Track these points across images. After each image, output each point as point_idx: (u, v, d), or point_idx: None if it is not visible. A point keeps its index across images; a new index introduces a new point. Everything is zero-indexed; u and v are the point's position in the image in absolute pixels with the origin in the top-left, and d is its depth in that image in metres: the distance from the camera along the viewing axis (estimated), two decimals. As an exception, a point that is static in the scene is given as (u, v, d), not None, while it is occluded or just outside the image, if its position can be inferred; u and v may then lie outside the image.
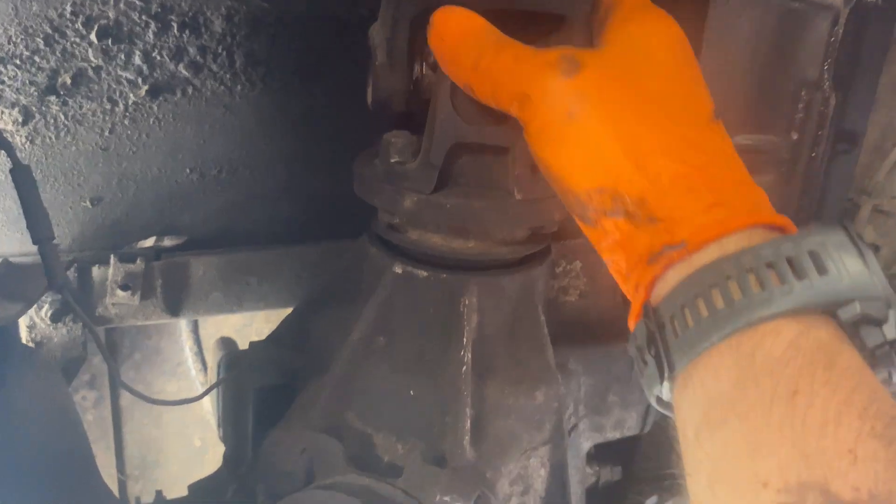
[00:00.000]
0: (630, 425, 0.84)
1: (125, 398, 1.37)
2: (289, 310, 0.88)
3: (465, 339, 0.68)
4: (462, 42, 0.57)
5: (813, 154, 0.89)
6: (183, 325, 1.31)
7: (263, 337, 0.86)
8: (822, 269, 0.42)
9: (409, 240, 0.69)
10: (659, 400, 0.50)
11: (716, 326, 0.43)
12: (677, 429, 0.48)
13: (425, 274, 0.69)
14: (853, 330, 0.43)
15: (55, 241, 0.65)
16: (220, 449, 1.00)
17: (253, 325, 1.42)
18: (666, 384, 0.48)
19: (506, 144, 0.63)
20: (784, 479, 0.37)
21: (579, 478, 0.79)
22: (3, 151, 0.79)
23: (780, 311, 0.42)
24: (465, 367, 0.67)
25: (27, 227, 0.64)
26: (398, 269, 0.70)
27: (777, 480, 0.37)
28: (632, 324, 0.52)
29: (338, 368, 0.70)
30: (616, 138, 0.49)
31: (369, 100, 0.69)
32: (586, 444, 0.81)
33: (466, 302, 0.68)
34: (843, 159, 0.95)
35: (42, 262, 0.64)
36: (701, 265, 0.46)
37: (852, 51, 0.89)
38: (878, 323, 0.42)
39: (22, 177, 0.63)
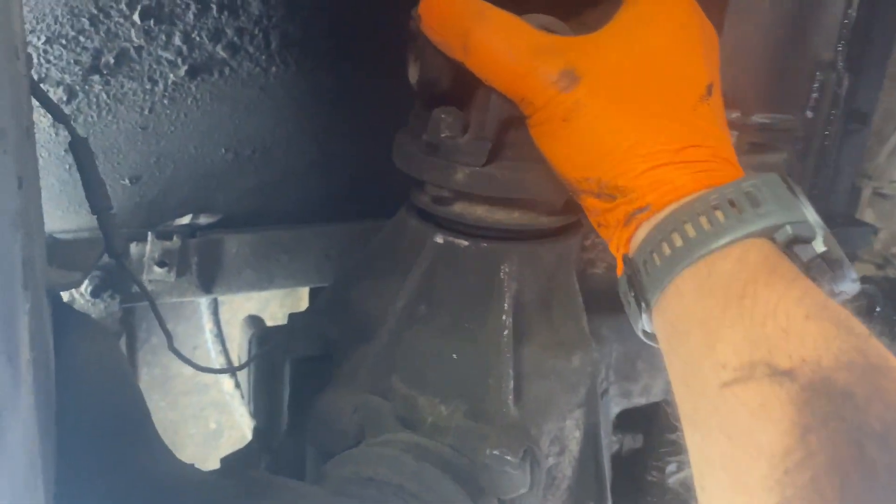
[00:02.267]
0: (656, 391, 0.87)
1: (142, 383, 1.39)
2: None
3: (505, 305, 0.70)
4: (449, 15, 0.62)
5: (826, 132, 0.93)
6: (203, 307, 1.33)
7: (278, 321, 0.88)
8: (755, 204, 0.51)
9: (453, 212, 0.72)
10: (644, 332, 0.59)
11: (678, 260, 0.52)
12: (661, 350, 0.56)
13: (466, 243, 0.72)
14: (789, 249, 0.51)
15: (113, 211, 0.67)
16: (235, 432, 1.02)
17: (268, 310, 1.45)
18: (645, 317, 0.57)
19: None
20: (738, 360, 0.45)
21: (607, 442, 0.83)
22: (40, 129, 0.81)
23: (728, 241, 0.51)
24: (506, 332, 0.70)
25: (86, 198, 0.66)
26: (439, 240, 0.73)
27: (733, 362, 0.45)
28: (619, 275, 0.61)
29: (382, 335, 0.73)
30: (603, 137, 0.57)
31: (413, 79, 0.71)
32: (615, 410, 0.84)
33: (506, 270, 0.71)
34: (854, 138, 1.00)
35: (101, 231, 0.67)
36: (662, 217, 0.55)
37: (864, 33, 0.93)
38: (809, 241, 0.51)
39: (80, 149, 0.65)
